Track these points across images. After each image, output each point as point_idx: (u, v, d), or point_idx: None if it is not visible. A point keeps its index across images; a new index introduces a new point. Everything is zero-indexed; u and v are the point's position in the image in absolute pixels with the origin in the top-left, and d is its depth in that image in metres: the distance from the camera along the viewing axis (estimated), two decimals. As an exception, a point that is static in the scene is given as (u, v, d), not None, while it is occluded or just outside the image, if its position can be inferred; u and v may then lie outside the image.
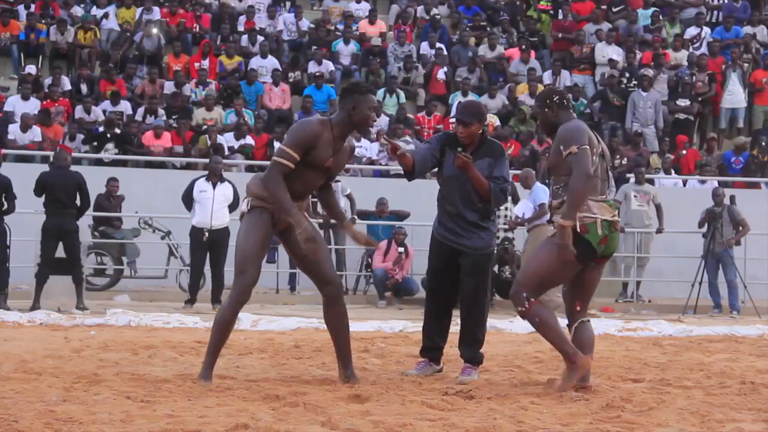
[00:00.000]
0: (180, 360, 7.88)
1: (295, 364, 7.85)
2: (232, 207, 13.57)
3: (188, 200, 13.60)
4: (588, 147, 6.47)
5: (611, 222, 6.57)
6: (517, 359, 8.47)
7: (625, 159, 18.14)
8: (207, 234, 13.43)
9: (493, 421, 5.41)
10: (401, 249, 15.21)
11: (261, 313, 12.13)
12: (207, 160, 17.28)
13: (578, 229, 6.47)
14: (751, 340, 10.80)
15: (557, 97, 6.77)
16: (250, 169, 17.55)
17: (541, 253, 6.67)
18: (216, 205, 13.45)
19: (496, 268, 15.02)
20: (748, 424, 5.58)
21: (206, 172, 13.76)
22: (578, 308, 6.82)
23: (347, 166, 16.68)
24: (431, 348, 7.52)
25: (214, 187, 13.53)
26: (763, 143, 19.03)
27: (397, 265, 15.16)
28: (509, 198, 15.26)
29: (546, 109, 6.75)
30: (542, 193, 13.46)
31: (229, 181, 13.73)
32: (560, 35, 21.43)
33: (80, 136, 17.43)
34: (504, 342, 10.07)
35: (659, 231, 15.52)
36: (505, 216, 15.71)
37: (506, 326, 11.53)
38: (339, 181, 15.95)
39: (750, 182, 18.53)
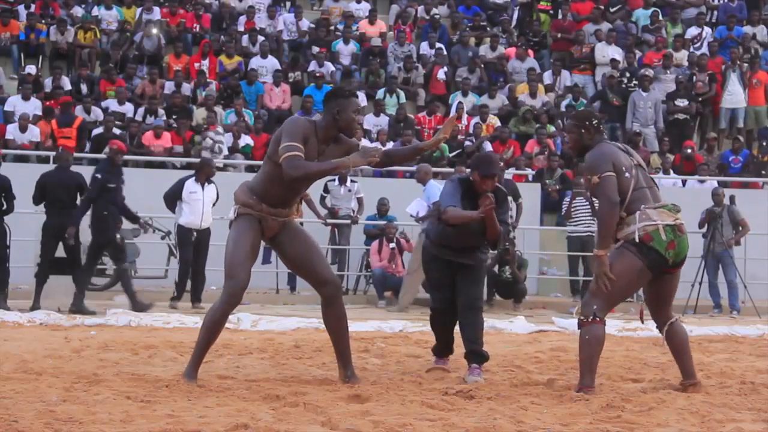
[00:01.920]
0: (180, 360, 7.88)
1: (295, 364, 7.86)
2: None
3: (173, 199, 13.71)
4: (611, 173, 6.48)
5: (674, 226, 6.56)
6: (516, 359, 8.47)
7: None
8: (195, 234, 13.56)
9: (493, 421, 5.41)
10: (392, 245, 15.17)
11: (261, 313, 12.14)
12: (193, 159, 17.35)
13: (640, 239, 6.46)
14: (751, 340, 10.80)
15: (596, 120, 6.80)
16: (249, 169, 17.54)
17: (615, 264, 6.57)
18: (206, 207, 13.57)
19: (496, 269, 15.04)
20: (748, 424, 5.59)
21: (197, 172, 13.82)
22: (662, 313, 6.82)
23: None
24: (447, 346, 7.83)
25: (203, 188, 13.64)
26: (764, 143, 19.03)
27: (392, 261, 15.13)
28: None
29: (583, 131, 6.77)
30: (436, 191, 13.44)
31: (213, 182, 13.86)
32: (559, 35, 21.43)
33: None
34: (504, 342, 10.07)
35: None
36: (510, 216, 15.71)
37: (506, 326, 11.53)
38: (356, 182, 15.99)
39: (749, 182, 18.52)
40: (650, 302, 6.84)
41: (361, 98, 19.50)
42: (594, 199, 6.89)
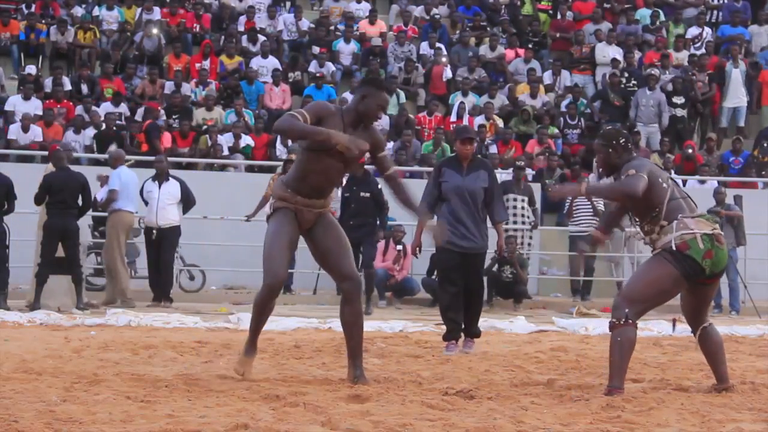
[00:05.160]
0: (180, 360, 7.88)
1: (295, 364, 7.86)
2: (186, 206, 13.76)
3: (144, 199, 13.96)
4: (645, 176, 6.49)
5: (712, 235, 6.53)
6: (517, 359, 8.46)
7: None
8: (155, 233, 13.61)
9: (493, 421, 5.41)
10: (399, 247, 15.19)
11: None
12: (208, 160, 17.37)
13: (677, 247, 6.45)
14: (751, 340, 10.80)
15: (623, 139, 6.77)
16: (250, 169, 17.55)
17: (647, 270, 6.62)
18: (160, 204, 13.62)
19: (495, 268, 15.03)
20: (748, 424, 5.58)
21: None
22: (698, 319, 6.83)
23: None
24: (454, 329, 9.03)
25: (159, 187, 13.70)
26: (765, 144, 19.03)
27: (397, 263, 15.14)
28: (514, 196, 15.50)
29: (610, 150, 6.75)
30: (116, 179, 13.52)
31: (177, 179, 13.90)
32: (559, 35, 21.43)
33: (89, 132, 17.47)
34: (504, 342, 10.07)
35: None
36: (514, 214, 15.77)
37: (506, 326, 11.54)
38: None
39: (748, 182, 18.52)
40: (686, 310, 6.85)
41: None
42: (635, 216, 6.86)
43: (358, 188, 13.88)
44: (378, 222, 14.15)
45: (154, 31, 20.03)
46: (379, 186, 13.63)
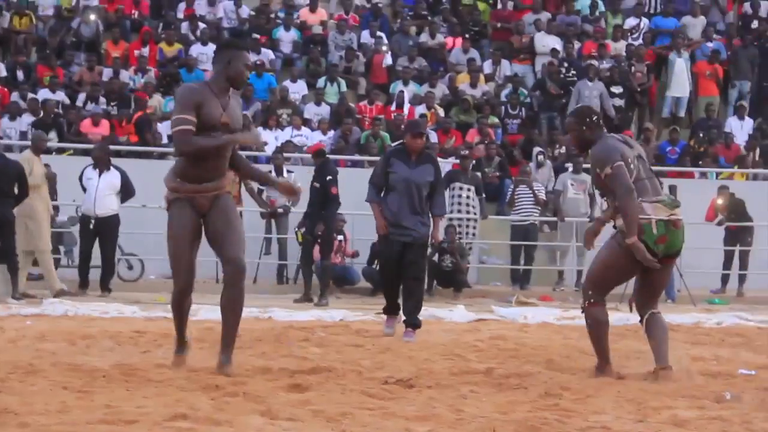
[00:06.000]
0: (118, 350, 7.82)
1: (235, 353, 7.79)
2: (126, 196, 13.65)
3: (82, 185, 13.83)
4: (621, 163, 6.64)
5: (668, 221, 6.71)
6: (456, 348, 8.50)
7: (564, 148, 18.31)
8: (93, 222, 13.51)
9: (432, 410, 5.43)
10: (340, 237, 15.17)
11: (200, 303, 12.03)
12: (147, 148, 17.21)
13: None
14: (686, 328, 10.94)
15: (595, 116, 6.97)
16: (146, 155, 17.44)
17: (605, 253, 6.86)
18: (99, 194, 13.50)
19: (436, 257, 15.09)
20: (683, 410, 5.66)
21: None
22: (647, 303, 6.98)
23: (287, 154, 16.70)
24: (393, 305, 9.51)
25: (99, 175, 13.57)
26: (701, 134, 19.27)
27: (338, 253, 15.12)
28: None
29: (584, 127, 6.92)
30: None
31: (118, 169, 13.78)
32: (499, 25, 21.51)
33: (26, 119, 17.23)
34: (444, 331, 10.11)
35: (591, 220, 15.72)
36: (459, 203, 15.86)
37: (446, 315, 11.59)
38: (292, 172, 15.93)
39: (685, 172, 18.74)
40: (638, 292, 7.01)
41: (302, 86, 19.47)
42: (603, 196, 7.01)
43: (313, 178, 13.84)
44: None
45: (92, 17, 19.78)
46: (329, 177, 13.58)
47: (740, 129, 19.53)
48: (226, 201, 6.74)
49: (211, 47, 19.69)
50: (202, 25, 20.17)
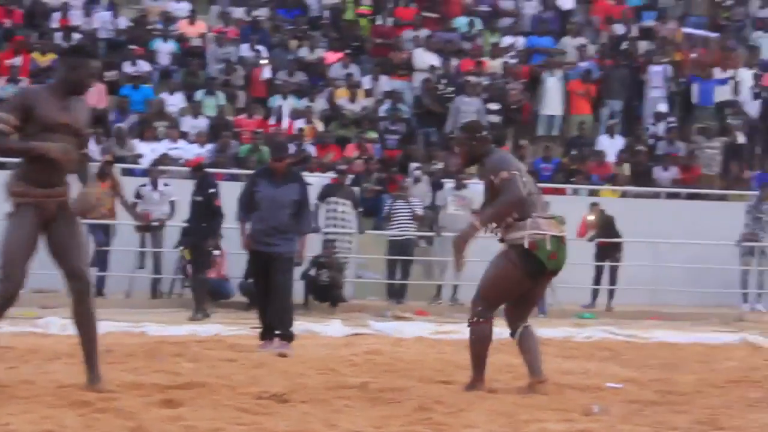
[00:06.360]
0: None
1: (105, 369, 7.64)
2: None
3: None
4: (518, 173, 6.71)
5: (559, 237, 6.79)
6: (331, 362, 8.51)
7: (441, 164, 18.49)
8: None
9: (306, 425, 5.43)
10: (216, 252, 15.02)
11: (70, 317, 11.80)
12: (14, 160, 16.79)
13: (527, 246, 6.69)
14: (557, 341, 11.12)
15: (485, 131, 7.03)
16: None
17: (494, 270, 6.87)
18: None
19: (312, 272, 15.08)
20: (552, 423, 5.77)
21: None
22: (521, 318, 7.05)
23: (162, 167, 16.51)
24: (267, 328, 9.64)
25: None
26: (574, 151, 19.68)
27: (213, 267, 14.97)
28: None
29: (474, 142, 6.95)
30: None
31: None
32: (379, 40, 21.63)
33: None
34: (319, 345, 10.10)
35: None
36: (335, 218, 15.89)
37: (321, 329, 11.59)
38: (168, 185, 15.75)
39: (559, 188, 19.08)
40: (512, 306, 7.04)
41: (179, 99, 19.27)
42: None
43: (194, 191, 13.73)
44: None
45: (-38, 24, 19.28)
46: (212, 190, 13.53)
47: (611, 147, 20.00)
48: (71, 213, 6.56)
49: (87, 58, 19.37)
50: (77, 35, 19.79)
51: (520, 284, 6.85)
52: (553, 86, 20.52)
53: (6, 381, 6.59)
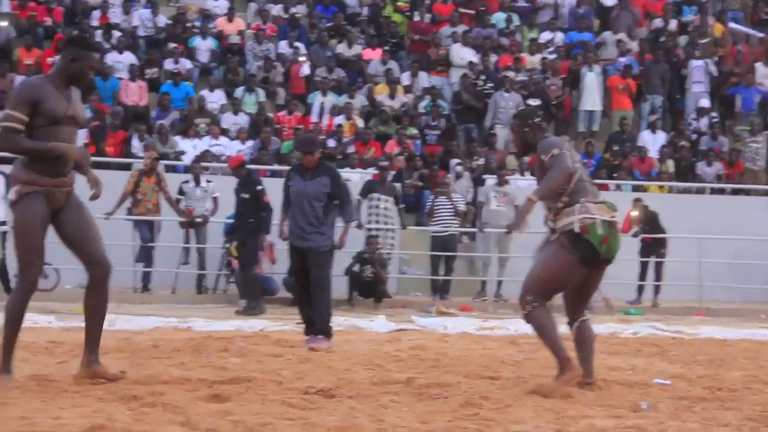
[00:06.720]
0: (33, 360, 7.66)
1: (153, 363, 7.71)
2: None
3: None
4: (567, 152, 6.64)
5: (610, 222, 6.68)
6: (377, 358, 8.50)
7: (482, 159, 18.46)
8: None
9: (353, 420, 5.42)
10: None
11: (118, 313, 11.91)
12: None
13: (578, 230, 6.59)
14: (603, 338, 11.04)
15: (538, 118, 6.96)
16: (105, 165, 17.24)
17: (547, 257, 6.72)
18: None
19: (356, 268, 15.10)
20: (600, 420, 5.72)
21: None
22: (577, 310, 6.99)
23: (205, 164, 16.59)
24: (309, 324, 9.65)
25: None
26: (615, 147, 19.56)
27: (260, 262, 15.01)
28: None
29: (527, 129, 6.90)
30: None
31: (3, 174, 13.55)
32: (417, 37, 21.61)
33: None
34: (364, 341, 10.11)
35: (508, 230, 15.78)
36: (377, 214, 15.88)
37: (366, 325, 11.59)
38: (211, 181, 15.83)
39: (600, 184, 18.98)
40: (569, 295, 6.95)
41: (220, 96, 19.35)
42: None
43: (239, 189, 13.83)
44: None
45: (3, 23, 19.45)
46: (260, 187, 13.60)
47: (653, 142, 19.86)
48: (78, 201, 6.60)
49: (128, 56, 19.52)
50: (117, 33, 19.93)
51: (574, 271, 6.69)
52: (591, 81, 20.40)
53: (56, 376, 6.63)
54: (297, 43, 20.60)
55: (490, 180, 17.25)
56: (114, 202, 14.62)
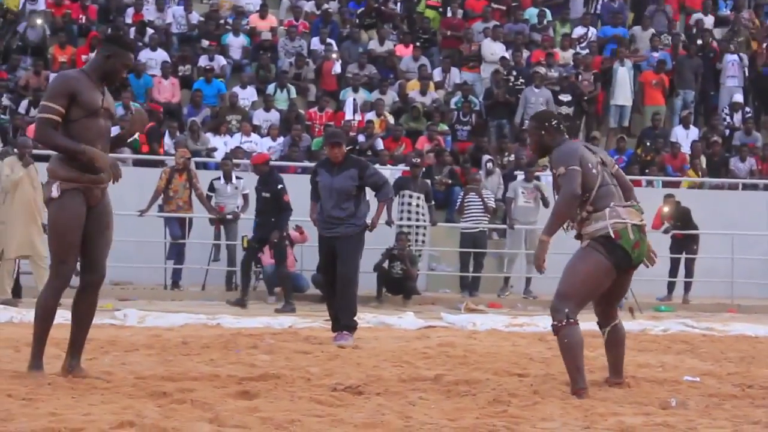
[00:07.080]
0: (63, 357, 7.71)
1: (182, 360, 7.77)
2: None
3: None
4: (577, 168, 6.52)
5: (640, 226, 6.63)
6: (405, 355, 8.50)
7: (513, 156, 18.42)
8: None
9: (381, 417, 5.43)
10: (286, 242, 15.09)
11: (148, 310, 11.99)
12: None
13: (612, 236, 6.51)
14: (632, 335, 11.00)
15: (555, 120, 6.86)
16: (138, 162, 17.34)
17: (578, 264, 6.61)
18: None
19: (386, 264, 15.11)
20: (629, 417, 5.71)
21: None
22: (609, 312, 6.95)
23: (236, 160, 16.65)
24: (336, 319, 9.66)
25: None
26: (647, 143, 19.46)
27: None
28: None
29: (543, 132, 6.81)
30: None
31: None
32: (449, 33, 21.58)
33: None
34: (392, 337, 10.11)
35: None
36: (408, 211, 15.89)
37: (395, 322, 11.60)
38: (241, 178, 15.89)
39: (633, 180, 18.87)
40: (600, 299, 6.86)
41: (251, 93, 19.41)
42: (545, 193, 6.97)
43: (260, 187, 13.86)
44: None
45: (39, 21, 19.59)
46: (280, 186, 13.62)
47: (686, 138, 19.74)
48: (109, 203, 6.68)
49: (160, 53, 19.61)
50: (150, 31, 20.04)
51: (608, 276, 6.59)
52: (623, 76, 20.30)
53: (86, 372, 6.68)
54: (329, 40, 20.62)
55: (520, 176, 17.22)
56: (147, 199, 14.74)
